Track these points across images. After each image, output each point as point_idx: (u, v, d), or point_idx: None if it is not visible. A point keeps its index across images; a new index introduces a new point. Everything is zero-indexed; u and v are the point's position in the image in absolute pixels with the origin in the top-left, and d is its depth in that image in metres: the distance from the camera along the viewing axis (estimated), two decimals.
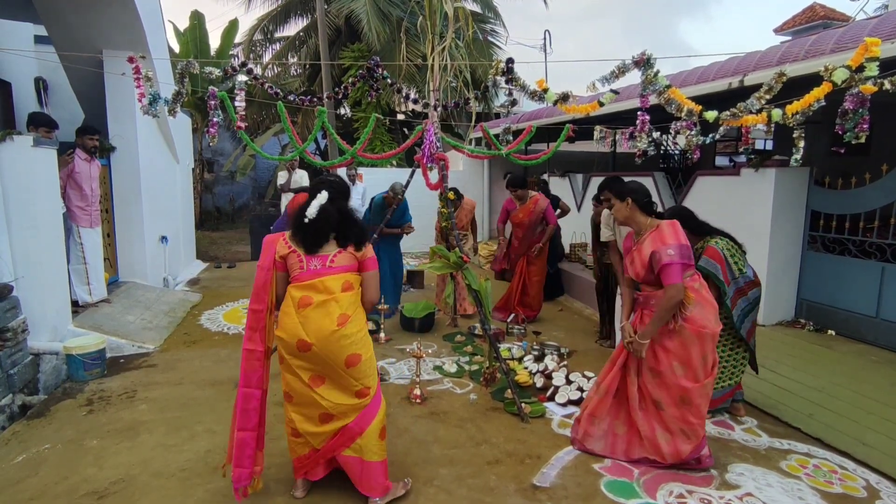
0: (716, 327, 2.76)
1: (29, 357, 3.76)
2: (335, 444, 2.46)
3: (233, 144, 15.22)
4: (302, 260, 2.40)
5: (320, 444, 2.48)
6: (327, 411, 2.42)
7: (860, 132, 2.91)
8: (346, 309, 2.39)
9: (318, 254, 2.41)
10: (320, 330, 2.33)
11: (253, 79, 3.97)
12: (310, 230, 2.40)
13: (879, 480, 2.80)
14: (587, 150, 10.30)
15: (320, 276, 2.38)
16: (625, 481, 2.77)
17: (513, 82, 3.75)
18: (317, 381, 2.42)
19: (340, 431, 2.45)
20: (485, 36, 13.75)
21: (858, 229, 4.68)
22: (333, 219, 2.41)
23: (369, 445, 2.47)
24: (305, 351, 2.36)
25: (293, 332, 2.35)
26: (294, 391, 2.47)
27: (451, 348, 4.86)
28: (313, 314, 2.35)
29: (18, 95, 6.66)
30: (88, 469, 2.81)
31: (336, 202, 2.44)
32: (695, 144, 3.78)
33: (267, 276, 2.44)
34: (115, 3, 5.28)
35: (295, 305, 2.37)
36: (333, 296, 2.37)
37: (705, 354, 2.75)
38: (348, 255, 2.45)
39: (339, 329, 2.34)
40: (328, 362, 2.37)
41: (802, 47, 4.34)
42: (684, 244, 2.75)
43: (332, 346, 2.35)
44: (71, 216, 4.84)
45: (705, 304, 2.77)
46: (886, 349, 4.39)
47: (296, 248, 2.42)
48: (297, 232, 2.43)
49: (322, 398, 2.41)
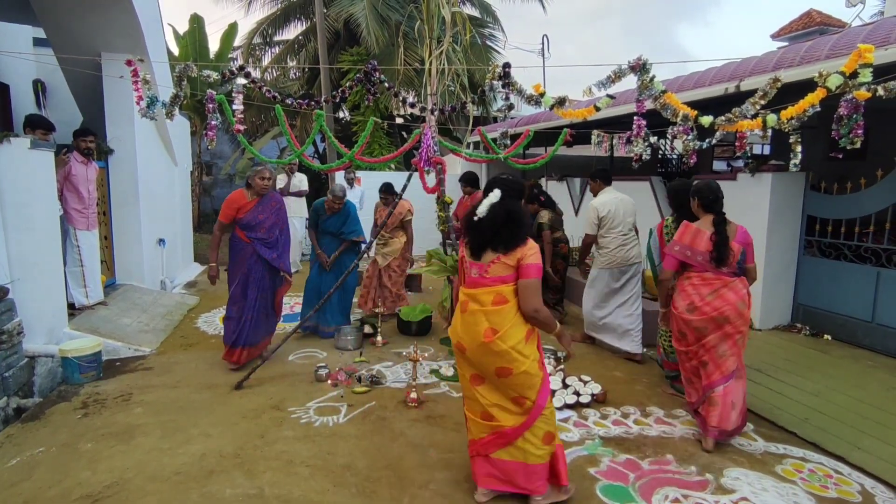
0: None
1: (24, 360, 3.74)
2: (489, 443, 2.49)
3: (231, 147, 15.23)
4: (468, 265, 2.49)
5: (478, 436, 2.54)
6: (486, 410, 2.47)
7: (855, 137, 2.92)
8: (494, 323, 2.37)
9: (479, 261, 2.44)
10: (472, 339, 2.41)
11: (251, 82, 3.99)
12: (478, 229, 2.42)
13: (874, 485, 2.80)
14: (585, 154, 10.33)
15: (476, 286, 2.44)
16: (620, 485, 2.77)
17: (510, 86, 3.77)
18: (477, 380, 2.50)
19: (496, 433, 2.47)
20: (483, 40, 13.79)
21: (854, 234, 4.70)
22: (500, 218, 2.38)
23: (530, 448, 2.47)
24: (462, 353, 2.49)
25: (454, 333, 2.52)
26: (463, 385, 2.59)
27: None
28: (467, 321, 2.44)
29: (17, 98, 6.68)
30: (83, 472, 2.80)
31: (506, 202, 2.41)
32: (692, 149, 3.80)
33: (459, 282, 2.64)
34: (114, 6, 5.29)
35: (460, 308, 2.49)
36: (483, 308, 2.39)
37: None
38: (502, 265, 2.39)
39: (485, 342, 2.37)
40: (481, 368, 2.45)
41: (798, 53, 4.37)
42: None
43: (480, 356, 2.42)
44: (68, 219, 4.84)
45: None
46: (882, 353, 4.40)
47: (465, 254, 2.51)
48: (467, 232, 2.48)
49: (481, 396, 2.48)
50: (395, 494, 2.66)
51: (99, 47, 5.58)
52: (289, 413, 3.53)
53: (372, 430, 3.33)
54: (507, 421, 2.45)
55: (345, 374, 4.11)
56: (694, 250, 3.20)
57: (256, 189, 4.25)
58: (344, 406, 3.65)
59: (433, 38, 3.97)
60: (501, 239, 2.38)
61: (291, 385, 4.00)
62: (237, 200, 4.24)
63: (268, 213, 4.30)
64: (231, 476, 2.78)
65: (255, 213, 4.24)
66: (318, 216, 5.11)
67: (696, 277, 3.22)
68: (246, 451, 3.03)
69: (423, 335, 5.30)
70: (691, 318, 3.18)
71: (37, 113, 5.93)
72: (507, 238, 2.37)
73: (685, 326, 3.24)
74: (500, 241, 2.38)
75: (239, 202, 4.22)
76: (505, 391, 2.45)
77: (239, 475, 2.79)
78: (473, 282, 2.45)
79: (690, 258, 3.21)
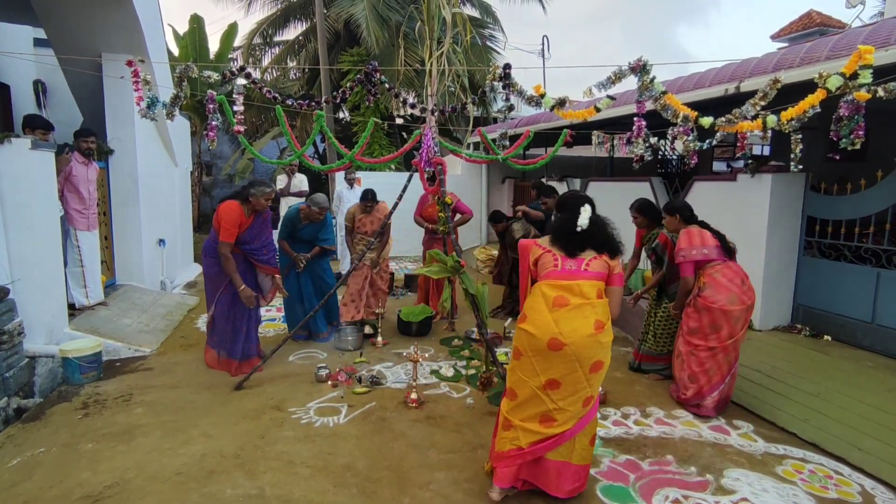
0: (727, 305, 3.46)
1: (25, 360, 3.74)
2: (545, 447, 2.48)
3: (231, 148, 15.24)
4: (557, 259, 2.55)
5: (527, 443, 2.48)
6: (550, 414, 2.45)
7: (855, 138, 2.93)
8: (600, 316, 2.45)
9: (576, 258, 2.54)
10: (577, 331, 2.38)
11: (252, 83, 3.99)
12: (579, 239, 2.56)
13: (875, 486, 2.81)
14: (585, 154, 10.33)
15: (575, 278, 2.48)
16: (620, 486, 2.77)
17: (510, 87, 3.77)
18: (552, 385, 2.44)
19: (556, 436, 2.47)
20: (483, 41, 13.81)
21: (854, 235, 4.70)
22: (602, 227, 2.61)
23: (579, 450, 2.53)
24: (556, 350, 2.39)
25: (546, 330, 2.41)
26: (520, 389, 2.51)
27: (448, 352, 4.86)
28: (570, 315, 2.41)
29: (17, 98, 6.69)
30: (83, 473, 2.80)
31: (597, 215, 2.64)
32: (692, 150, 3.80)
33: (525, 281, 2.69)
34: (114, 6, 5.30)
35: (548, 304, 2.44)
36: (590, 301, 2.44)
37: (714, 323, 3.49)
38: (602, 262, 2.54)
39: (595, 334, 2.40)
40: (575, 364, 2.40)
41: (798, 54, 4.37)
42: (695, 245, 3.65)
43: (585, 349, 2.39)
44: (69, 219, 4.84)
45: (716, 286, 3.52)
46: (882, 354, 4.40)
47: (551, 249, 2.58)
48: (563, 239, 2.58)
49: (550, 400, 2.44)
50: (395, 495, 2.66)
51: (99, 48, 5.58)
52: (289, 413, 3.53)
53: (372, 430, 3.33)
54: (567, 424, 2.46)
55: (345, 374, 4.11)
56: (708, 247, 3.60)
57: (257, 208, 4.11)
58: (344, 406, 3.65)
59: (433, 38, 3.97)
60: (608, 245, 2.58)
61: (292, 385, 4.00)
62: (238, 218, 4.02)
63: (260, 225, 4.24)
64: (231, 476, 2.78)
65: (253, 230, 4.16)
66: (293, 226, 4.89)
67: (723, 267, 3.55)
68: (246, 451, 3.04)
69: (424, 336, 5.30)
70: (733, 309, 3.45)
71: (35, 113, 5.93)
72: (613, 245, 2.59)
73: (724, 319, 3.46)
74: (606, 245, 2.57)
75: (240, 219, 4.04)
76: (582, 391, 2.45)
77: (239, 475, 2.79)
78: (571, 274, 2.49)
79: (708, 254, 3.60)
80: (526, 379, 2.48)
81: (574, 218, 2.57)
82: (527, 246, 2.69)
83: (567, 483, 2.54)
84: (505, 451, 2.54)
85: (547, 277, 2.52)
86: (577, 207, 2.58)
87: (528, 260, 2.66)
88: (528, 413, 2.50)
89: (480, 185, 11.44)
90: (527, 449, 2.48)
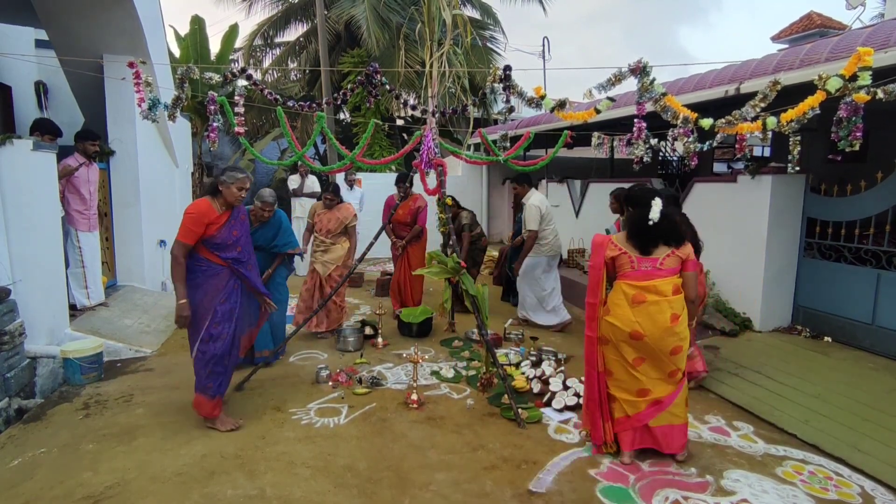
0: None
1: (26, 360, 3.75)
2: (647, 415, 2.88)
3: (232, 149, 15.24)
4: (633, 260, 2.80)
5: (633, 413, 2.89)
6: (644, 387, 2.85)
7: (854, 140, 2.94)
8: (676, 309, 2.78)
9: (651, 256, 2.77)
10: (655, 325, 2.73)
11: (253, 84, 4.00)
12: (653, 232, 2.77)
13: (875, 487, 2.80)
14: (585, 156, 10.34)
15: (651, 279, 2.76)
16: (621, 487, 2.77)
17: (510, 89, 3.78)
18: (639, 361, 2.85)
19: (653, 404, 2.86)
20: (484, 42, 13.81)
21: (854, 236, 4.70)
22: (671, 220, 2.79)
23: (676, 411, 2.89)
24: (637, 340, 2.78)
25: (627, 323, 2.77)
26: (615, 368, 2.91)
27: (449, 353, 4.86)
28: (647, 311, 2.74)
29: (18, 99, 6.70)
30: (84, 473, 2.81)
31: (668, 207, 2.82)
32: (692, 151, 3.81)
33: (599, 274, 2.88)
34: (116, 7, 5.31)
35: (628, 301, 2.77)
36: (666, 297, 2.75)
37: None
38: (675, 258, 2.81)
39: (672, 326, 2.75)
40: (655, 350, 2.78)
41: (797, 56, 4.37)
42: None
43: (663, 340, 2.76)
44: (69, 220, 4.85)
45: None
46: (882, 356, 4.40)
47: (627, 251, 2.82)
48: (638, 234, 2.80)
49: (642, 374, 2.84)
50: (395, 495, 2.67)
51: (100, 49, 5.60)
52: (290, 414, 3.54)
53: (372, 431, 3.33)
54: (661, 392, 2.85)
55: (345, 375, 4.12)
56: None
57: (230, 200, 3.29)
58: (345, 407, 3.66)
59: (434, 40, 3.98)
60: (675, 236, 2.81)
61: (292, 386, 4.00)
62: (206, 214, 3.21)
63: (240, 227, 3.40)
64: (232, 477, 2.79)
65: (229, 230, 3.30)
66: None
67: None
68: (247, 451, 3.04)
69: (424, 336, 5.30)
70: None
71: (46, 117, 5.94)
72: (678, 235, 2.83)
73: None
74: (673, 237, 2.80)
75: (209, 216, 3.21)
76: (666, 367, 2.84)
77: (240, 476, 2.80)
78: (647, 274, 2.78)
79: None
80: (617, 359, 2.87)
81: (646, 212, 2.75)
82: (602, 243, 2.88)
83: (675, 441, 2.92)
84: (617, 417, 2.95)
85: (625, 278, 2.81)
86: (648, 201, 2.78)
87: (601, 256, 2.83)
88: (625, 388, 2.89)
89: (481, 187, 11.45)
90: (633, 416, 2.89)
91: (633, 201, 2.94)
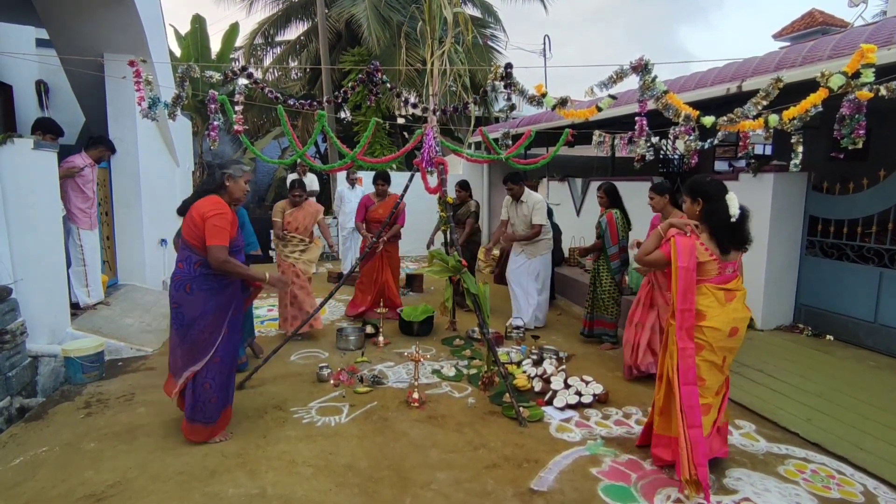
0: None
1: (27, 359, 3.76)
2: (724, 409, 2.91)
3: (233, 148, 15.24)
4: (718, 266, 2.73)
5: (715, 415, 2.84)
6: (721, 386, 2.86)
7: (857, 137, 2.92)
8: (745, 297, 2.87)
9: (728, 260, 2.75)
10: (743, 317, 2.80)
11: (253, 83, 4.00)
12: (736, 228, 2.69)
13: (877, 485, 2.80)
14: (586, 154, 10.33)
15: (731, 280, 2.78)
16: (622, 486, 2.77)
17: (512, 87, 3.77)
18: (726, 358, 2.84)
19: (724, 401, 2.91)
20: (484, 41, 13.79)
21: (856, 234, 4.69)
22: (744, 220, 2.73)
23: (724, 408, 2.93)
24: (734, 335, 2.77)
25: (726, 322, 2.72)
26: (709, 376, 2.77)
27: (450, 352, 4.86)
28: (736, 306, 2.77)
29: (19, 98, 6.68)
30: (86, 472, 2.81)
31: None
32: (693, 149, 3.80)
33: (692, 276, 2.69)
34: (116, 6, 5.31)
35: (721, 301, 2.74)
36: (741, 290, 2.83)
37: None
38: (740, 259, 2.85)
39: (748, 314, 2.86)
40: (739, 340, 2.82)
41: (800, 53, 4.36)
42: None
43: (744, 327, 2.83)
44: (71, 218, 4.85)
45: None
46: (885, 354, 4.39)
47: (717, 256, 2.71)
48: (722, 231, 2.70)
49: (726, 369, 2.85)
50: (396, 494, 2.66)
51: (101, 48, 5.59)
52: (291, 413, 3.54)
53: (374, 430, 3.33)
54: (724, 388, 2.89)
55: (347, 374, 4.11)
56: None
57: (237, 195, 3.12)
58: (346, 406, 3.65)
59: (435, 38, 3.96)
60: (748, 239, 2.78)
61: (293, 385, 4.00)
62: (228, 213, 2.99)
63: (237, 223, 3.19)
64: (234, 476, 2.79)
65: (236, 229, 3.13)
66: None
67: None
68: (248, 450, 3.04)
69: (425, 335, 5.30)
70: None
71: (47, 116, 5.94)
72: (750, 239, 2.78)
73: None
74: (749, 238, 2.78)
75: (231, 214, 3.02)
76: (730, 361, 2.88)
77: (241, 475, 2.80)
78: (728, 278, 2.76)
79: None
80: (712, 365, 2.77)
81: (725, 207, 2.66)
82: (691, 246, 2.69)
83: (726, 440, 2.98)
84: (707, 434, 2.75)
85: (710, 282, 2.73)
86: (723, 195, 2.69)
87: (691, 259, 2.67)
88: (714, 388, 2.81)
89: (482, 185, 11.44)
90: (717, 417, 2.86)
91: (707, 197, 2.73)
